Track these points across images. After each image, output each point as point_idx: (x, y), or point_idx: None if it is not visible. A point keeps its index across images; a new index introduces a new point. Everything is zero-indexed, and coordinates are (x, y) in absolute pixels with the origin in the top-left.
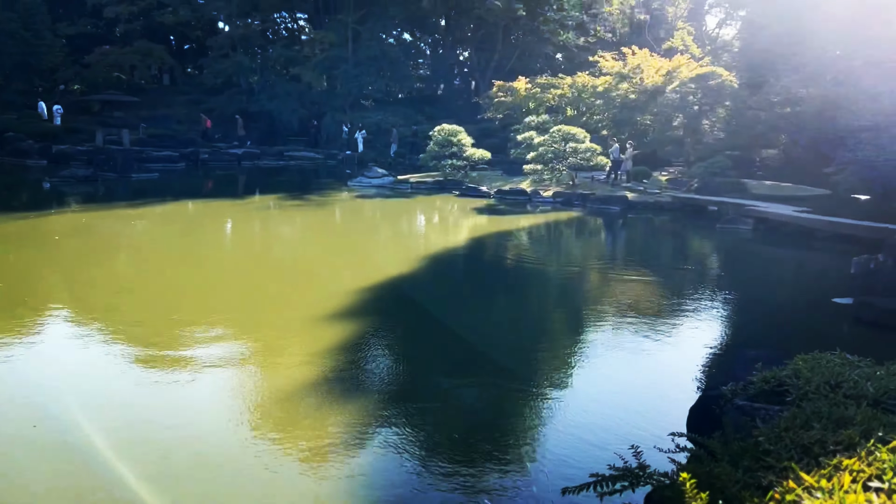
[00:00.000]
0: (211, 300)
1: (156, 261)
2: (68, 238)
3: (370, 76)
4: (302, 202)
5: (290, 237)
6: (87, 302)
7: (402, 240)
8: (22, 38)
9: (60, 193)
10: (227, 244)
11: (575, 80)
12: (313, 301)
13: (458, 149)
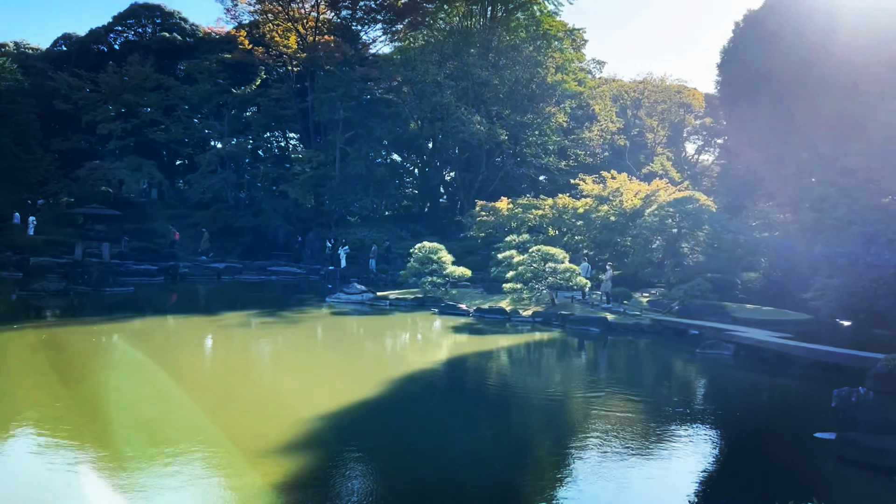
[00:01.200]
0: (151, 426)
1: (95, 381)
2: (13, 357)
3: (356, 194)
4: (276, 319)
5: (256, 357)
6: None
7: (373, 360)
8: (12, 153)
9: (26, 308)
10: (182, 364)
11: (556, 202)
12: (268, 429)
13: (438, 266)
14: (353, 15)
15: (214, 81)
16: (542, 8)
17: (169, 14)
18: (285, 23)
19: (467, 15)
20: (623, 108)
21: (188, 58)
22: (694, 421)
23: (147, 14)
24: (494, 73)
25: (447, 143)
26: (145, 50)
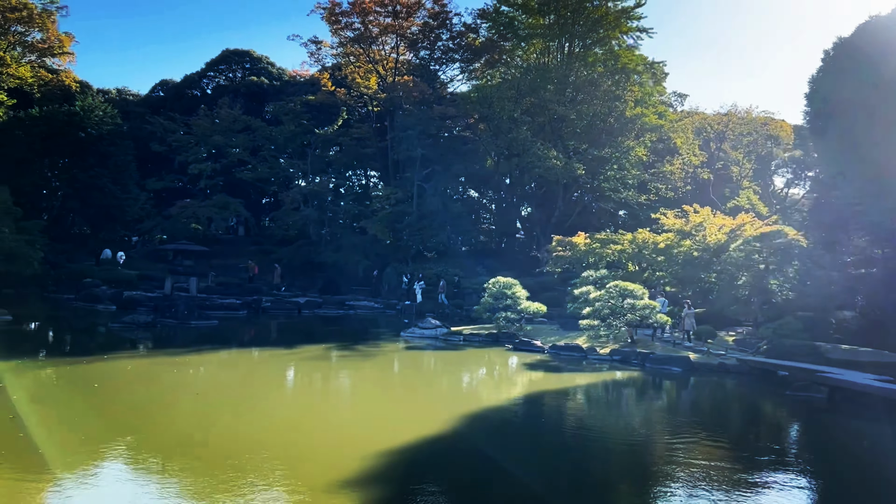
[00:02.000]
0: (229, 453)
1: (177, 410)
2: (107, 384)
3: (433, 229)
4: (351, 352)
5: (331, 389)
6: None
7: (445, 396)
8: (110, 192)
9: (117, 339)
10: (260, 395)
11: (636, 237)
12: (341, 460)
13: (512, 301)
14: (431, 55)
15: (299, 122)
16: (621, 42)
17: (257, 59)
18: (366, 64)
19: (544, 52)
20: (706, 141)
21: (274, 100)
22: (787, 471)
23: (237, 60)
24: (572, 108)
25: (523, 178)
26: (235, 93)
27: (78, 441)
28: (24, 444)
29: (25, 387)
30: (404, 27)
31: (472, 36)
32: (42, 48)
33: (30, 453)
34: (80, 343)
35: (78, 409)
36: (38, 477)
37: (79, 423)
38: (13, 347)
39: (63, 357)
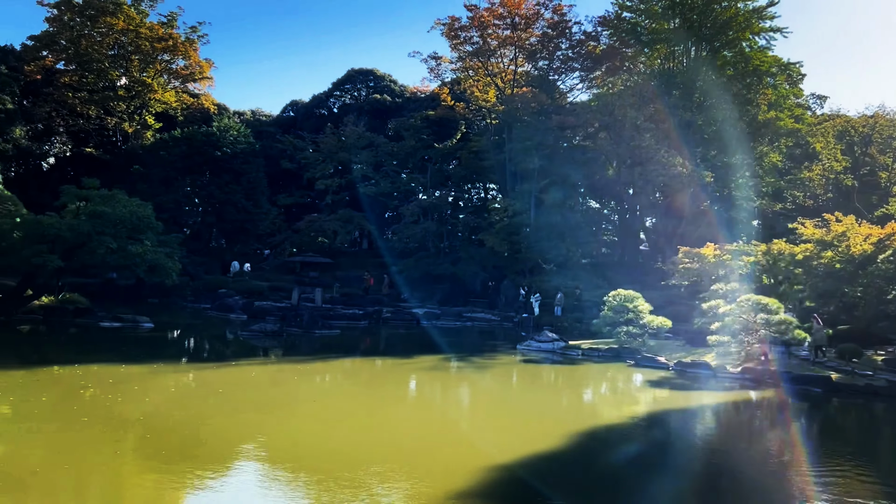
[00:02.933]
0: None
1: (302, 416)
2: (232, 389)
3: (551, 241)
4: (467, 364)
5: (445, 399)
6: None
7: (562, 411)
8: (244, 208)
9: (246, 346)
10: (378, 402)
11: (770, 247)
12: (453, 475)
13: (634, 315)
14: (550, 65)
15: (419, 137)
16: (752, 44)
17: (380, 77)
18: (485, 77)
19: (669, 57)
20: (850, 146)
21: (396, 116)
22: None
23: (361, 79)
24: (699, 113)
25: (647, 187)
26: (359, 111)
27: (204, 443)
28: (154, 443)
29: (162, 388)
30: (523, 38)
31: (593, 44)
32: (185, 74)
33: (159, 451)
34: (212, 349)
35: (206, 412)
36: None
37: (206, 426)
38: (153, 352)
39: (196, 362)
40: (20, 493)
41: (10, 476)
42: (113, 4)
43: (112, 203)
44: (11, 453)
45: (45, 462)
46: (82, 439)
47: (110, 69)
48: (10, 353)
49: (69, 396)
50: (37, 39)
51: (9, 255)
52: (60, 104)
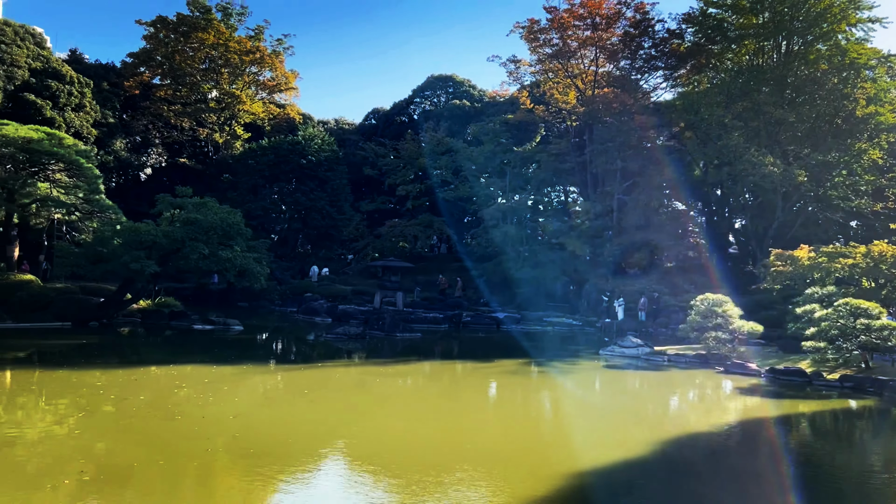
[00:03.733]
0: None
1: (384, 417)
2: (318, 391)
3: (634, 244)
4: (548, 369)
5: (525, 404)
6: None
7: (646, 418)
8: (328, 214)
9: (330, 349)
10: (456, 405)
11: (871, 249)
12: (535, 479)
13: (723, 320)
14: (632, 65)
15: (498, 142)
16: (849, 36)
17: (460, 83)
18: (565, 79)
19: (758, 52)
20: None
21: (475, 121)
22: None
23: (441, 85)
24: (790, 110)
25: (736, 188)
26: (438, 117)
27: (291, 442)
28: (243, 441)
29: (251, 388)
30: (604, 39)
31: (677, 42)
32: (271, 86)
33: (248, 450)
34: (298, 351)
35: (293, 413)
36: (249, 473)
37: (293, 426)
38: (242, 354)
39: (283, 364)
40: (120, 486)
41: (111, 469)
42: (204, 20)
43: (204, 210)
44: (113, 448)
45: (143, 457)
46: (177, 436)
47: (202, 82)
48: (112, 354)
49: (165, 395)
50: (135, 56)
51: (110, 260)
52: (156, 117)
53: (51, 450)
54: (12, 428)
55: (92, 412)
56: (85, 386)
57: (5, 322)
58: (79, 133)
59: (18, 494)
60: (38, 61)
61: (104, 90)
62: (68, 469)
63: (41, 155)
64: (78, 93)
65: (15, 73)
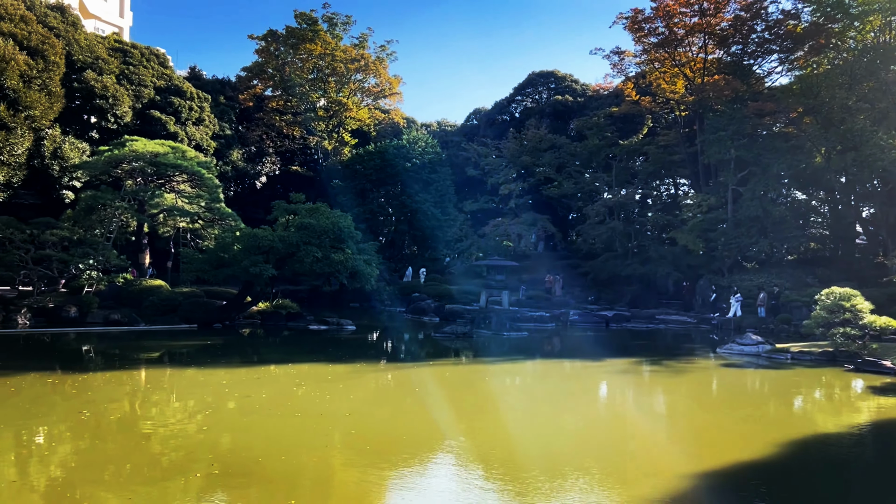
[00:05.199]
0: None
1: (494, 416)
2: (427, 389)
3: (751, 237)
4: (661, 368)
5: (639, 403)
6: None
7: (767, 418)
8: (433, 215)
9: (439, 347)
10: (566, 405)
11: None
12: (651, 480)
13: (852, 315)
14: (744, 49)
15: (602, 135)
16: None
17: (561, 78)
18: (672, 68)
19: (884, 28)
20: None
21: (578, 116)
22: None
23: (542, 81)
24: None
25: (862, 174)
26: (540, 114)
27: (403, 440)
28: (359, 438)
29: (365, 386)
30: (713, 24)
31: (792, 23)
32: (376, 92)
33: (364, 446)
34: (408, 350)
35: (405, 410)
36: (365, 469)
37: (405, 423)
38: (355, 353)
39: (394, 362)
40: (245, 479)
41: (236, 464)
42: (311, 32)
43: (316, 215)
44: (237, 444)
45: (266, 452)
46: (297, 433)
47: (311, 92)
48: (235, 354)
49: (285, 393)
50: (248, 70)
51: (231, 265)
52: (269, 127)
53: (182, 444)
54: (148, 423)
55: (218, 409)
56: (211, 384)
57: (139, 324)
58: (199, 146)
59: (155, 486)
60: (161, 80)
61: (221, 104)
62: (198, 463)
63: (167, 167)
64: (198, 107)
65: (142, 92)
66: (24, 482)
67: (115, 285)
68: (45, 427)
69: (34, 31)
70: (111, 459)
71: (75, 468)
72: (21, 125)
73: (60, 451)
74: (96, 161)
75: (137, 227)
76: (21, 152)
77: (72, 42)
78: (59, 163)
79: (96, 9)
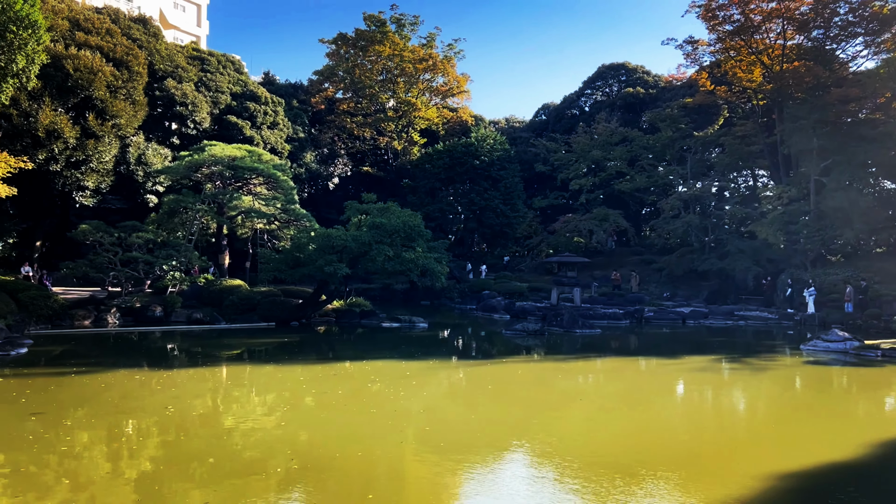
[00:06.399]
0: (614, 466)
1: (567, 414)
2: (500, 386)
3: (835, 229)
4: (741, 365)
5: (719, 402)
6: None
7: (857, 417)
8: (502, 212)
9: (510, 345)
10: (641, 403)
11: None
12: (731, 480)
13: None
14: (825, 34)
15: (676, 127)
16: None
17: (632, 70)
18: (748, 56)
19: None
20: None
21: (650, 108)
22: None
23: (612, 74)
24: None
25: None
26: (611, 107)
27: (476, 436)
28: (433, 434)
29: (437, 383)
30: (791, 9)
31: (879, 3)
32: (444, 91)
33: (438, 443)
34: (479, 348)
35: (478, 407)
36: (439, 465)
37: (478, 420)
38: (427, 350)
39: (466, 359)
40: (322, 474)
41: (314, 459)
42: (380, 33)
43: (387, 215)
44: (315, 439)
45: (342, 448)
46: (372, 429)
47: (380, 93)
48: (311, 351)
49: (360, 389)
50: (319, 74)
51: (306, 265)
52: (341, 129)
53: (262, 439)
54: (229, 419)
55: (295, 405)
56: (289, 380)
57: (220, 323)
58: (274, 149)
59: (238, 480)
60: (237, 86)
61: (294, 107)
62: (278, 457)
63: (244, 171)
64: (272, 112)
65: (219, 98)
66: (116, 474)
67: (197, 285)
68: (133, 421)
69: (119, 44)
70: (195, 454)
71: (162, 462)
72: (108, 133)
73: (148, 445)
74: (178, 166)
75: (217, 228)
76: (109, 159)
77: (153, 52)
78: (143, 168)
79: (175, 19)
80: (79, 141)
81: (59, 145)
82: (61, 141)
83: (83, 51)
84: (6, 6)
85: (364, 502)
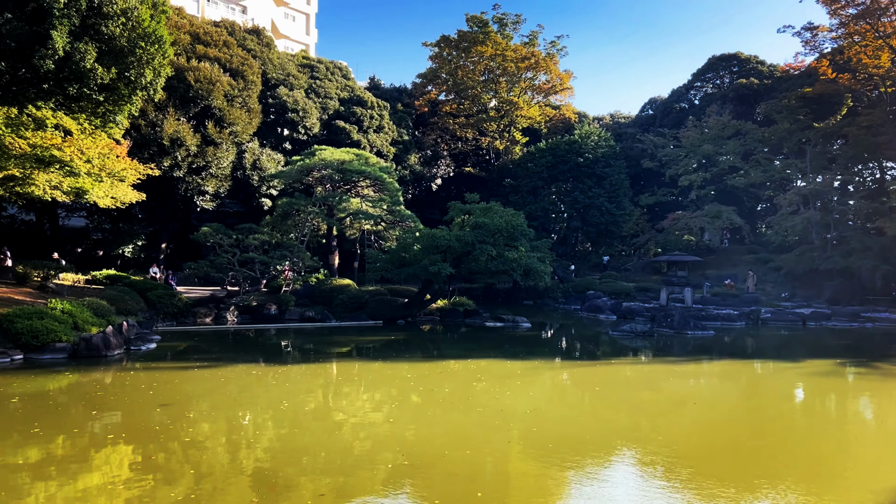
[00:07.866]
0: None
1: (679, 418)
2: (607, 388)
3: None
4: (869, 370)
5: (845, 410)
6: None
7: None
8: (607, 210)
9: (617, 346)
10: (756, 409)
11: None
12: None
13: None
14: None
15: (794, 119)
16: None
17: (745, 60)
18: (874, 41)
19: None
20: None
21: (765, 99)
22: None
23: (724, 65)
24: None
25: None
26: (723, 100)
27: (583, 438)
28: (539, 435)
29: (542, 384)
30: None
31: None
32: (546, 88)
33: (545, 443)
34: (584, 349)
35: (585, 409)
36: (545, 466)
37: (585, 422)
38: (531, 350)
39: (570, 360)
40: (430, 471)
41: (422, 455)
42: (482, 34)
43: (490, 214)
44: (422, 437)
45: (449, 446)
46: (479, 427)
47: (482, 94)
48: (417, 349)
49: (465, 388)
50: (423, 76)
51: (411, 264)
52: (443, 131)
53: (371, 435)
54: (339, 414)
55: (403, 402)
56: (396, 378)
57: (330, 321)
58: (380, 152)
59: (349, 476)
60: (344, 91)
61: (398, 111)
62: (386, 453)
63: (352, 174)
64: (378, 116)
65: (328, 104)
66: (235, 464)
67: (309, 284)
68: (250, 415)
69: (235, 55)
70: (307, 448)
71: (277, 454)
72: (226, 140)
73: (264, 438)
74: (290, 170)
75: (327, 230)
76: (226, 165)
77: (266, 62)
78: (257, 173)
79: (286, 29)
80: (199, 148)
81: (181, 152)
82: (184, 148)
83: (203, 63)
84: (135, 24)
85: (473, 500)
